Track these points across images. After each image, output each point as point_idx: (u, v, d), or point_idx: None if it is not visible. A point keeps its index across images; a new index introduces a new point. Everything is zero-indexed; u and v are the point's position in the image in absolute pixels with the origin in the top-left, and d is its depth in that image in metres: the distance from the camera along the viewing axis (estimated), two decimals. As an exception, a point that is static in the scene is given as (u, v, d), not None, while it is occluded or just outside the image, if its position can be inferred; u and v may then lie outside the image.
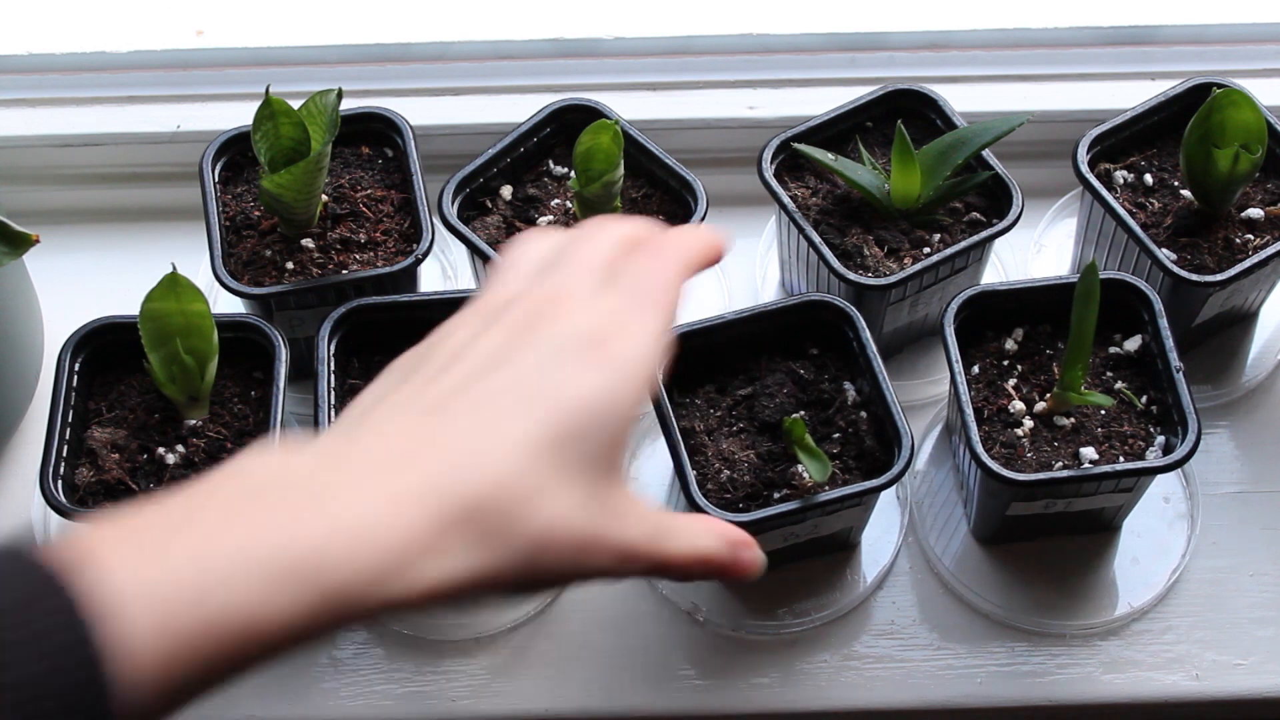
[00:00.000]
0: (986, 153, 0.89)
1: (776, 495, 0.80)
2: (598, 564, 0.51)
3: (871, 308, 0.87)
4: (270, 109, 0.84)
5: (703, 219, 0.87)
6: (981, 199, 0.91)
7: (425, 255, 0.88)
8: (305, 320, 0.88)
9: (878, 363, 0.81)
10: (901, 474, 0.78)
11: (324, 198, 0.91)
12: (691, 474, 0.79)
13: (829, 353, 0.85)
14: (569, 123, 0.93)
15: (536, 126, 0.92)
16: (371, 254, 0.90)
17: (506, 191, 0.92)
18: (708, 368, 0.85)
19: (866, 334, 0.82)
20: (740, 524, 0.77)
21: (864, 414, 0.82)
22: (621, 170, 0.87)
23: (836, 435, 0.82)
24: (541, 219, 0.90)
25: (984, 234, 0.88)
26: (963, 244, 0.87)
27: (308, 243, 0.89)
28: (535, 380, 0.51)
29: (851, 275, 0.85)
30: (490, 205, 0.91)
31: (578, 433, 0.50)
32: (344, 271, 0.88)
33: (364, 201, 0.91)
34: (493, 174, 0.92)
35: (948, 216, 0.90)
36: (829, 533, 0.83)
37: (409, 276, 0.89)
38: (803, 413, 0.83)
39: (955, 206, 0.90)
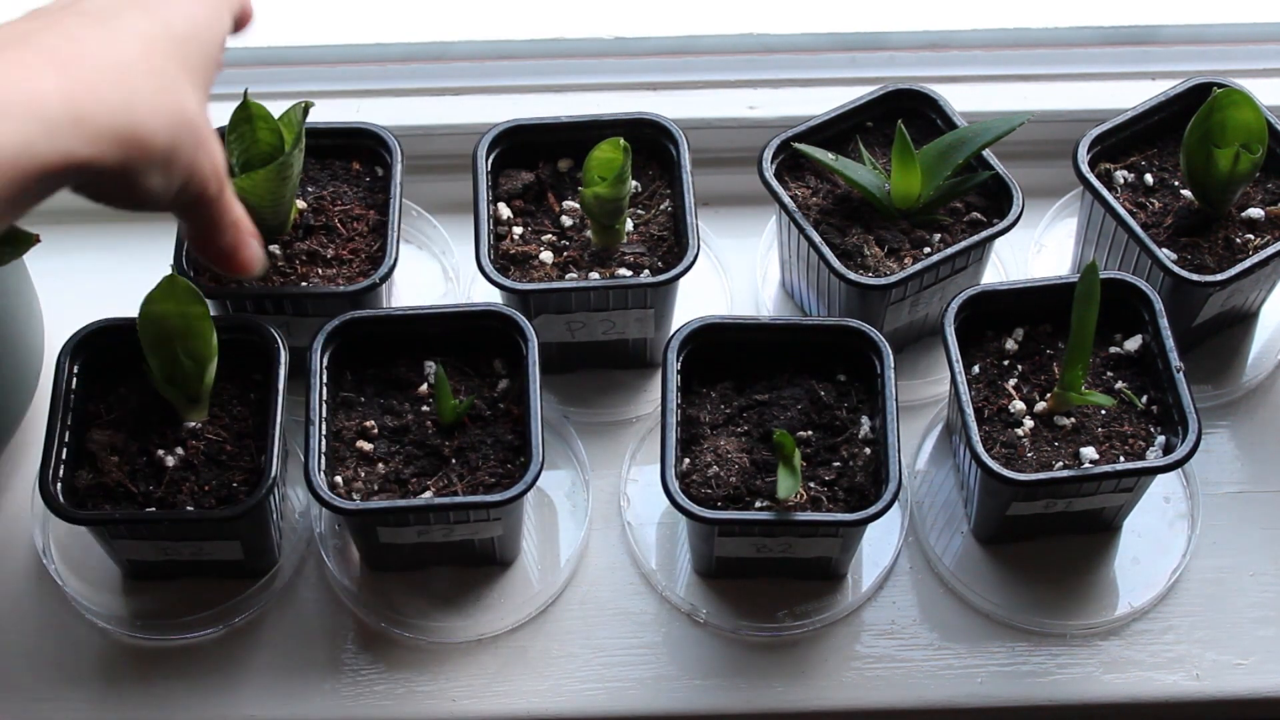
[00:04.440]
0: (987, 152, 0.89)
1: (758, 504, 0.80)
2: (179, 164, 0.58)
3: (872, 308, 0.87)
4: (247, 112, 0.84)
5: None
6: (982, 199, 0.91)
7: (384, 279, 0.87)
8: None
9: (894, 404, 0.81)
10: (874, 517, 0.78)
11: (302, 205, 0.91)
12: (672, 456, 0.79)
13: (856, 381, 0.85)
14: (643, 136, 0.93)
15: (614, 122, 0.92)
16: (335, 270, 0.89)
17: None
18: (732, 364, 0.85)
19: (893, 372, 0.82)
20: (705, 519, 0.78)
21: (868, 450, 0.82)
22: (628, 185, 0.86)
23: (836, 464, 0.82)
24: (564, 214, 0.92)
25: (984, 234, 0.88)
26: (963, 244, 0.87)
27: (275, 250, 0.89)
28: (151, 3, 0.60)
29: (852, 275, 0.85)
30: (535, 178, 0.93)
31: (188, 36, 0.60)
32: (304, 284, 0.88)
33: (340, 217, 0.91)
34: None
35: (948, 216, 0.90)
36: (807, 556, 0.83)
37: (369, 297, 0.88)
38: (810, 433, 0.83)
39: (956, 206, 0.90)
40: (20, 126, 0.51)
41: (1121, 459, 0.81)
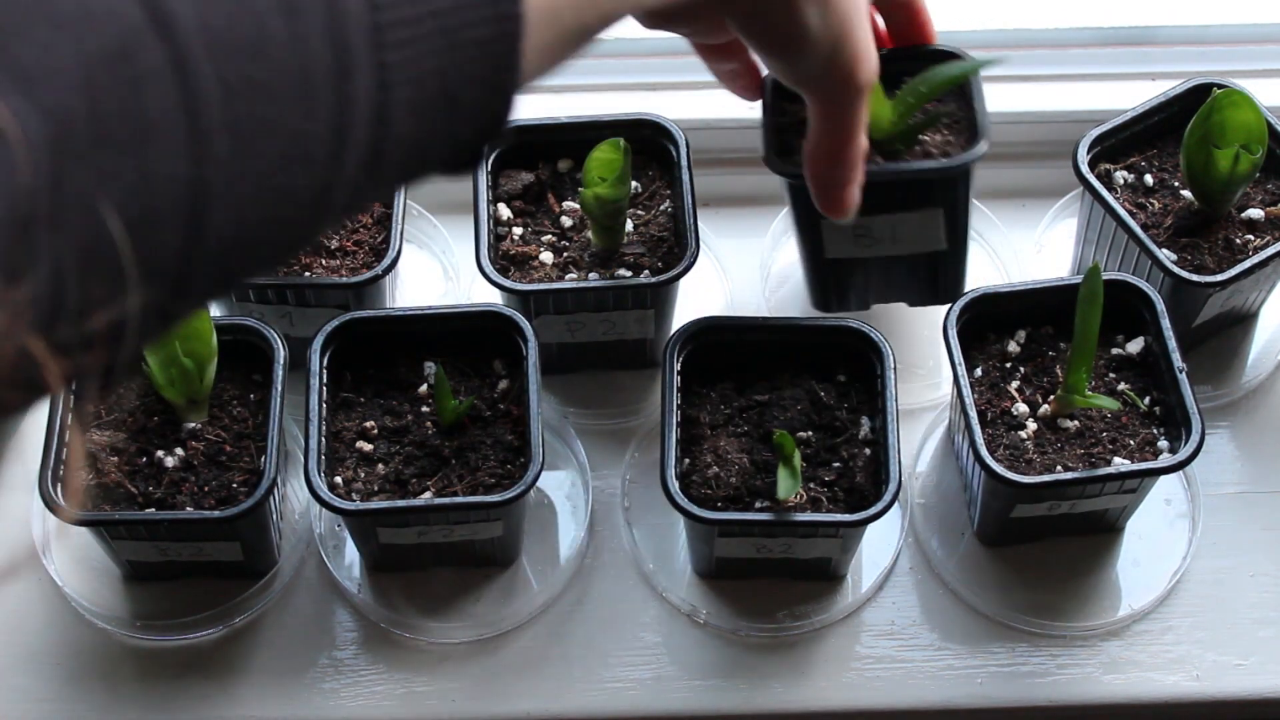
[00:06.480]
0: (975, 97, 0.83)
1: (758, 504, 0.80)
2: (834, 16, 0.56)
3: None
4: None
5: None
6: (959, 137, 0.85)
7: (387, 272, 0.87)
8: (264, 315, 0.88)
9: (894, 404, 0.81)
10: (874, 518, 0.78)
11: None
12: (672, 457, 0.79)
13: (856, 382, 0.85)
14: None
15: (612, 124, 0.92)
16: (338, 262, 0.89)
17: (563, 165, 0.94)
18: (732, 365, 0.85)
19: (893, 372, 0.82)
20: (705, 520, 0.78)
21: (868, 451, 0.82)
22: (628, 185, 0.86)
23: (836, 464, 0.82)
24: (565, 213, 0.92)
25: (936, 163, 0.80)
26: (917, 165, 0.80)
27: None
28: None
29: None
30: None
31: None
32: (307, 274, 0.88)
33: None
34: None
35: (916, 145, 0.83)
36: (807, 557, 0.83)
37: (372, 290, 0.88)
38: (810, 433, 0.83)
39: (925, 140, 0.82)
40: None
41: (1126, 461, 0.81)
